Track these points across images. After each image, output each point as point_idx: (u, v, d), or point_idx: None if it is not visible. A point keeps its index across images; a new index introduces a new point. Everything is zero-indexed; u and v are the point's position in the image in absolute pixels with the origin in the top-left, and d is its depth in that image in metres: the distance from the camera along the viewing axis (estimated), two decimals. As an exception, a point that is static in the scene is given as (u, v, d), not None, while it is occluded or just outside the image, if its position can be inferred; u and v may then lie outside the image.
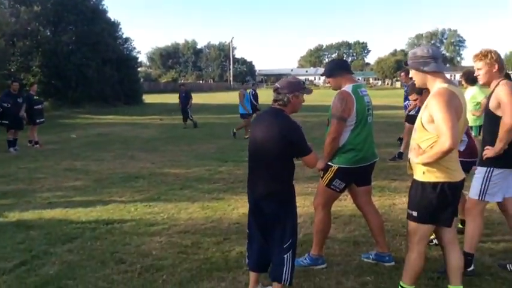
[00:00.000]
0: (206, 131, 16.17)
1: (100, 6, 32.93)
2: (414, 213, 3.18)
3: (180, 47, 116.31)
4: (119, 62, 33.18)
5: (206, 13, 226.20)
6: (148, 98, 37.54)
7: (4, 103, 11.47)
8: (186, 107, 17.63)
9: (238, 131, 13.98)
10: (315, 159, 3.42)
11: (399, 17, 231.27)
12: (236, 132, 13.96)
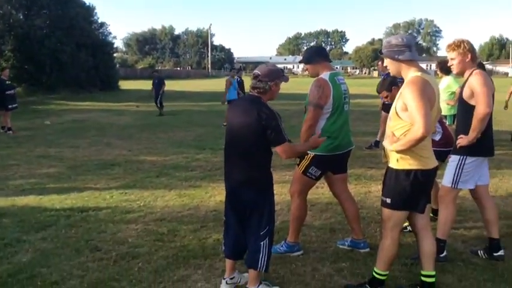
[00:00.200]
0: (184, 119, 16.05)
1: (74, -11, 32.17)
2: (388, 200, 3.23)
3: (157, 32, 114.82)
4: (94, 47, 32.53)
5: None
6: (124, 84, 37.01)
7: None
8: (159, 93, 17.39)
9: None
10: (289, 150, 3.32)
11: (377, 6, 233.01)
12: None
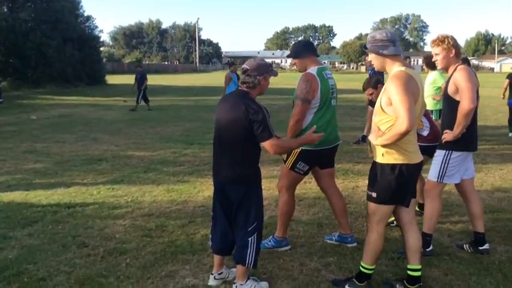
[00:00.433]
0: (171, 114, 15.98)
1: (59, -17, 31.75)
2: (374, 195, 3.26)
3: (144, 26, 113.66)
4: (81, 41, 32.25)
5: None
6: (111, 79, 36.72)
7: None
8: (141, 88, 17.17)
9: None
10: (276, 145, 3.28)
11: (365, 1, 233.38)
12: None
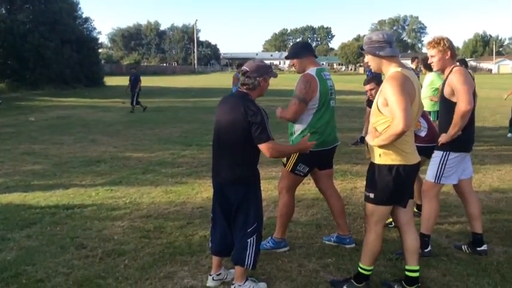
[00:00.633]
0: (170, 115, 15.97)
1: (57, -16, 31.72)
2: (371, 195, 3.27)
3: (142, 28, 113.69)
4: (79, 43, 32.21)
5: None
6: (109, 81, 36.68)
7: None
8: (135, 90, 17.05)
9: None
10: (273, 149, 3.26)
11: (363, 2, 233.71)
12: None
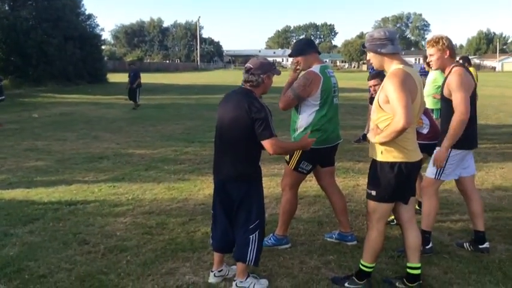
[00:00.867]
0: (172, 112, 15.98)
1: (60, -19, 31.69)
2: (373, 193, 3.27)
3: (145, 25, 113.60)
4: (82, 40, 32.14)
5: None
6: (112, 77, 36.61)
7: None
8: (133, 86, 16.87)
9: None
10: (276, 145, 3.28)
11: None
12: None
